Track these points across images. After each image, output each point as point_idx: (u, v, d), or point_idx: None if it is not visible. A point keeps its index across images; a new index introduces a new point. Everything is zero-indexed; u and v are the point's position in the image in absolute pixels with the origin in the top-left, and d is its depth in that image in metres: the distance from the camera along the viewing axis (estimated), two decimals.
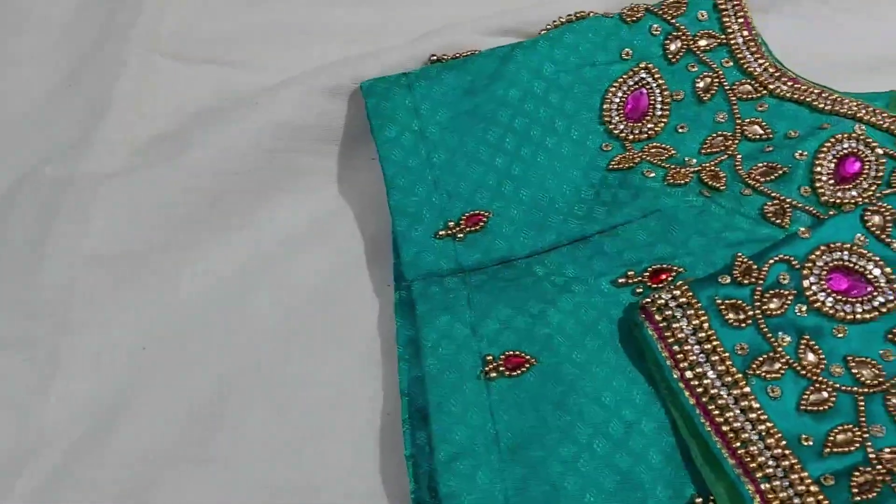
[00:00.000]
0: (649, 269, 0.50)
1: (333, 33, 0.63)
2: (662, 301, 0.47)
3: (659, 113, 0.56)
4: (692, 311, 0.47)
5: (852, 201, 0.50)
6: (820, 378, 0.45)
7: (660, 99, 0.56)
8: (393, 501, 0.48)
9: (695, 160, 0.54)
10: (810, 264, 0.47)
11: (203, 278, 0.55)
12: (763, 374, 0.45)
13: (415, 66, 0.58)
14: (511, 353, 0.48)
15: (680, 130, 0.55)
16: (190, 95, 0.62)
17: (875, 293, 0.47)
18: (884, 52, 0.59)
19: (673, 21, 0.57)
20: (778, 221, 0.50)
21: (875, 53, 0.59)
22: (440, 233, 0.52)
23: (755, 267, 0.47)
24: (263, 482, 0.49)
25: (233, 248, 0.56)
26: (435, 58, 0.58)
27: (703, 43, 0.57)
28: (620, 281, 0.50)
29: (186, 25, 0.66)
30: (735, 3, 0.58)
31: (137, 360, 0.53)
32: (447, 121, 0.55)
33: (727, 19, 0.57)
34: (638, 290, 0.49)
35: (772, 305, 0.46)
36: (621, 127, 0.55)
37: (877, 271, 0.47)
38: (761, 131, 0.54)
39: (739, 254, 0.48)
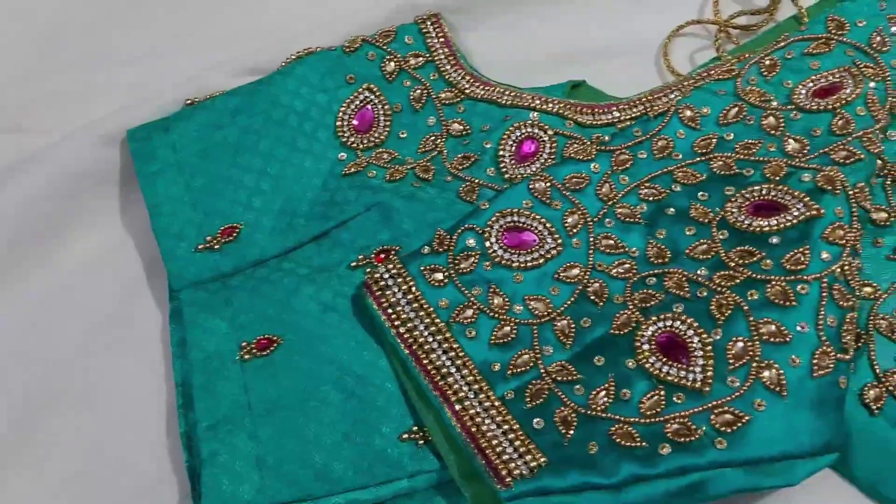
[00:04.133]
0: (376, 251, 0.61)
1: (111, 92, 0.72)
2: (378, 274, 0.58)
3: (382, 124, 0.66)
4: (401, 279, 0.57)
5: (539, 175, 0.62)
6: (505, 317, 0.56)
7: (382, 112, 0.67)
8: (179, 475, 0.57)
9: (411, 159, 0.65)
10: (489, 228, 0.58)
11: (6, 314, 0.63)
12: (461, 320, 0.56)
13: (175, 110, 0.67)
14: (262, 336, 0.58)
15: (401, 136, 0.66)
16: None
17: (541, 244, 0.58)
18: (564, 50, 0.71)
19: (385, 47, 0.68)
20: (469, 199, 0.62)
21: (557, 51, 0.71)
22: (200, 246, 0.62)
23: (448, 237, 0.58)
24: (73, 477, 0.58)
25: (33, 284, 0.65)
26: (189, 101, 0.68)
27: (413, 62, 0.68)
28: (353, 265, 0.60)
29: None
30: (436, 27, 0.69)
31: None
32: (201, 152, 0.65)
33: (430, 40, 0.69)
34: (368, 270, 0.60)
35: (463, 265, 0.57)
36: (353, 139, 0.66)
37: (540, 227, 0.58)
38: (461, 128, 0.65)
39: (439, 229, 0.59)
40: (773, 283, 0.53)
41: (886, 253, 0.58)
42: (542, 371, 0.54)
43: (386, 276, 0.58)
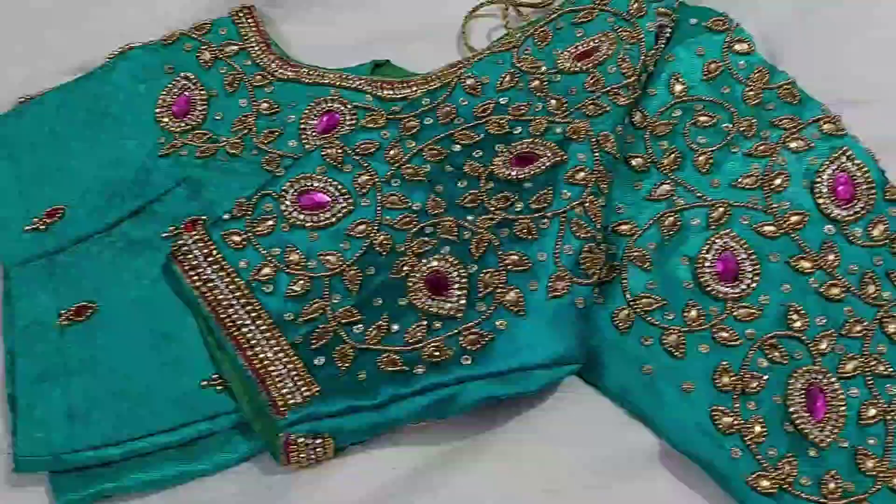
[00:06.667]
0: (185, 221, 0.66)
1: None
2: (182, 241, 0.63)
3: (199, 108, 0.71)
4: (202, 244, 0.63)
5: (331, 143, 0.67)
6: (301, 272, 0.61)
7: (199, 98, 0.72)
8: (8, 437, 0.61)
9: (224, 137, 0.70)
10: (285, 193, 0.64)
11: None
12: (260, 278, 0.61)
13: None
14: (77, 304, 0.62)
15: (217, 118, 0.71)
16: None
17: (333, 204, 0.64)
18: (376, 34, 0.77)
19: (200, 38, 0.74)
20: (271, 169, 0.67)
21: (369, 35, 0.77)
22: (27, 228, 0.66)
23: (247, 203, 0.64)
24: None
25: None
26: (22, 99, 0.72)
27: (227, 50, 0.74)
28: (165, 235, 0.65)
29: None
30: (248, 18, 0.75)
31: None
32: (31, 144, 0.70)
33: (244, 30, 0.75)
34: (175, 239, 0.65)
35: (260, 228, 0.63)
36: (172, 124, 0.71)
37: (332, 189, 0.64)
38: (269, 107, 0.71)
39: (240, 197, 0.64)
40: (521, 220, 0.59)
41: (644, 195, 0.65)
42: (329, 316, 0.60)
43: (190, 242, 0.63)
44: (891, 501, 0.54)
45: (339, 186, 0.64)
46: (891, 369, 0.58)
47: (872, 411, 0.57)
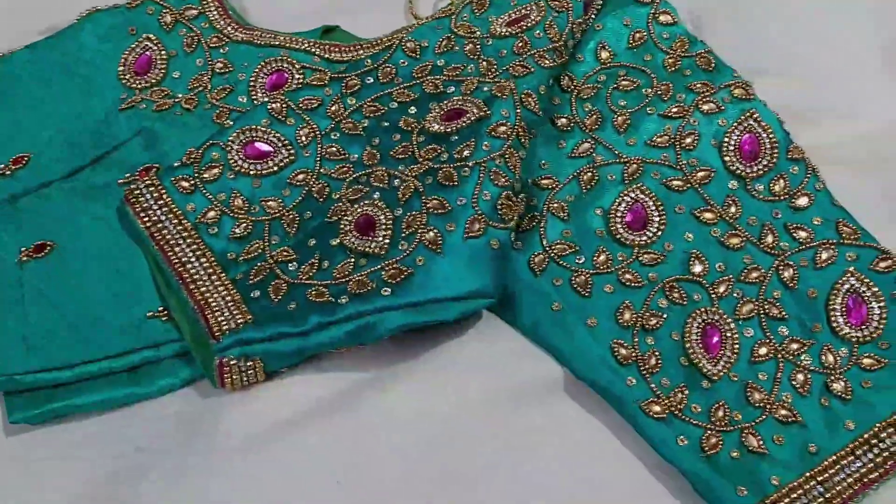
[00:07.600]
0: (141, 169, 0.71)
1: None
2: (134, 186, 0.68)
3: (159, 67, 0.76)
4: (154, 188, 0.68)
5: (276, 98, 0.72)
6: (244, 216, 0.66)
7: (159, 57, 0.77)
8: None
9: (181, 94, 0.75)
10: (231, 143, 0.69)
11: None
12: (206, 220, 0.66)
13: None
14: (38, 242, 0.67)
15: (175, 77, 0.76)
16: None
17: (276, 155, 0.69)
18: (331, 3, 0.82)
19: (162, 2, 0.79)
20: (221, 122, 0.72)
21: (325, 4, 0.82)
22: None
23: (196, 152, 0.69)
24: None
25: None
26: None
27: (188, 14, 0.79)
28: (120, 182, 0.70)
29: None
30: None
31: None
32: (1, 99, 0.74)
33: None
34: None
35: (207, 175, 0.68)
36: (133, 81, 0.76)
37: (276, 140, 0.69)
38: (223, 66, 0.76)
39: (192, 147, 0.69)
40: (444, 169, 0.64)
41: (567, 153, 0.70)
42: (267, 255, 0.65)
43: (142, 186, 0.68)
44: (775, 430, 0.59)
45: (282, 138, 0.69)
46: (784, 313, 0.63)
47: (764, 350, 0.62)
